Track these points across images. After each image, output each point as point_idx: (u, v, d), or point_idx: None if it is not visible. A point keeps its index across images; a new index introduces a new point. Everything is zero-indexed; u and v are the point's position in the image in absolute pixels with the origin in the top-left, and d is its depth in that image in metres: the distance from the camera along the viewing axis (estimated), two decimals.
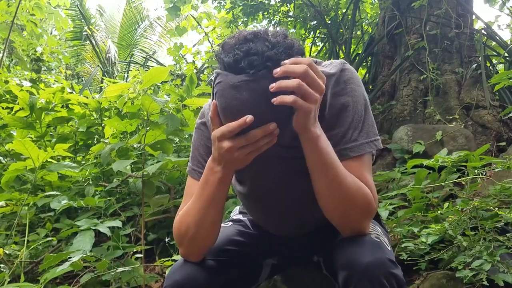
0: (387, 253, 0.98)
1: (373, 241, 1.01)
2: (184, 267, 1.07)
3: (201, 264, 1.09)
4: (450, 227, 1.93)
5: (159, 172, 2.34)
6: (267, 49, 0.90)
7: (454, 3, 4.42)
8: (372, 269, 0.94)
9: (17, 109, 3.07)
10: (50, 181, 2.57)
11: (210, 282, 1.06)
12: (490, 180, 2.35)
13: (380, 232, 1.12)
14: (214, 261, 1.11)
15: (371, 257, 0.95)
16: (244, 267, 1.19)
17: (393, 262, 0.96)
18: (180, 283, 1.04)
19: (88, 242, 1.79)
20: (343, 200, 0.99)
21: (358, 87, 1.08)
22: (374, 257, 0.95)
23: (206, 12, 7.39)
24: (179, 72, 6.02)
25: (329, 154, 0.97)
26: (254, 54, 0.89)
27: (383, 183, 3.12)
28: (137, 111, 2.53)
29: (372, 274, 0.93)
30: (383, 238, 1.08)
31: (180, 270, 1.07)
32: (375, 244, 1.00)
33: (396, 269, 0.96)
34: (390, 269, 0.95)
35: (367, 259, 0.95)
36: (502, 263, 1.72)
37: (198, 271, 1.06)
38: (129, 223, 2.54)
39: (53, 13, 6.50)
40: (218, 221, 1.08)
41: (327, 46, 6.00)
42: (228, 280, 1.13)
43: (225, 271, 1.12)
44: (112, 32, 12.06)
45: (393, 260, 0.97)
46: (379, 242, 1.02)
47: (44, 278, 1.49)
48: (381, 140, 4.02)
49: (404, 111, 4.29)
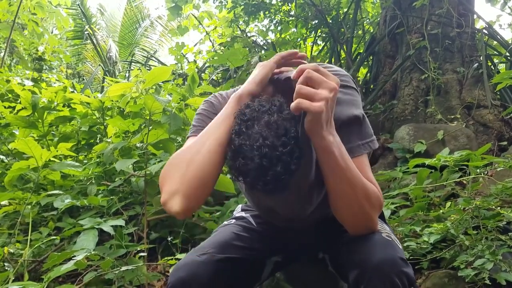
0: (398, 251, 0.99)
1: (384, 239, 1.02)
2: (189, 265, 1.07)
3: (206, 262, 1.08)
4: (452, 226, 1.94)
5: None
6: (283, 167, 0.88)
7: (456, 3, 4.43)
8: (384, 267, 0.94)
9: (19, 108, 3.08)
10: (52, 180, 2.57)
11: (215, 280, 1.06)
12: (491, 180, 2.36)
13: (389, 231, 1.12)
14: (219, 259, 1.11)
15: (383, 255, 0.95)
16: (248, 265, 1.19)
17: (404, 261, 0.97)
18: (184, 280, 1.04)
19: (92, 241, 1.80)
20: (360, 199, 0.99)
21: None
22: (385, 255, 0.95)
23: (207, 11, 7.39)
24: (180, 71, 6.02)
25: (343, 158, 0.96)
26: (275, 180, 0.88)
27: (384, 182, 3.12)
28: (139, 111, 2.53)
29: (384, 272, 0.93)
30: (394, 236, 1.08)
31: (184, 268, 1.06)
32: (386, 242, 1.01)
33: (407, 268, 0.96)
34: (402, 268, 0.95)
35: (379, 257, 0.95)
36: (504, 262, 1.73)
37: (203, 269, 1.06)
38: (131, 222, 2.55)
39: (54, 12, 6.51)
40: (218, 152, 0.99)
41: (328, 46, 6.00)
42: (232, 278, 1.13)
43: (229, 268, 1.12)
44: (113, 31, 12.06)
45: (404, 258, 0.97)
46: (391, 240, 1.02)
47: (48, 277, 1.50)
48: (382, 140, 3.99)
49: (405, 111, 4.29)
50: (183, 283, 1.04)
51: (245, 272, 1.18)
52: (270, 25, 6.51)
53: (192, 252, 1.13)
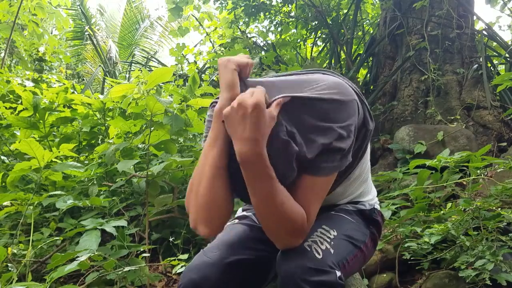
0: (311, 260, 0.99)
1: (301, 248, 1.03)
2: (200, 266, 1.09)
3: (215, 264, 1.10)
4: (452, 227, 1.94)
5: (163, 172, 2.35)
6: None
7: (455, 4, 4.44)
8: (290, 278, 0.97)
9: (21, 109, 3.08)
10: (54, 181, 2.57)
11: (224, 281, 1.08)
12: (491, 181, 2.37)
13: (325, 236, 1.11)
14: (228, 260, 1.12)
15: (289, 266, 0.99)
16: (255, 265, 1.19)
17: (314, 270, 0.97)
18: (195, 281, 1.06)
19: (94, 241, 1.80)
20: (274, 221, 1.01)
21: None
22: (291, 266, 0.99)
23: (207, 12, 7.39)
24: (180, 72, 6.03)
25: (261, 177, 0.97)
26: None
27: (384, 183, 3.13)
28: (141, 112, 2.54)
29: (290, 282, 0.97)
30: (320, 243, 1.07)
31: (195, 269, 1.08)
32: (300, 251, 1.02)
33: (318, 276, 0.97)
34: (310, 277, 0.96)
35: (285, 268, 0.99)
36: (505, 263, 1.74)
37: (213, 270, 1.08)
38: (132, 223, 2.55)
39: (54, 13, 6.51)
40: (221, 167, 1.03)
41: (328, 47, 6.02)
42: (240, 278, 1.14)
43: (237, 269, 1.13)
44: (112, 32, 12.07)
45: (318, 268, 0.98)
46: (308, 251, 1.02)
47: (51, 277, 1.50)
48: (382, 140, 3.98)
49: (405, 112, 4.30)
50: (194, 285, 1.05)
51: (253, 273, 1.19)
52: (270, 26, 6.52)
53: (201, 253, 1.15)
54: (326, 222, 1.17)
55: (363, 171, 1.27)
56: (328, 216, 1.22)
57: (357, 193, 1.31)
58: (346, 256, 1.12)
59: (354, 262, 1.16)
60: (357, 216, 1.29)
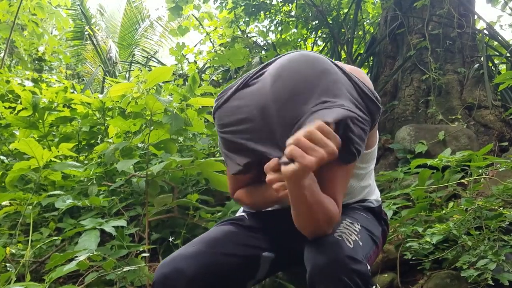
0: (346, 250, 0.97)
1: (333, 239, 1.02)
2: (173, 261, 1.07)
3: (192, 256, 1.08)
4: (454, 227, 1.93)
5: (162, 172, 2.34)
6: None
7: (456, 3, 4.43)
8: (330, 269, 0.94)
9: (20, 108, 3.07)
10: (53, 181, 2.56)
11: (201, 274, 1.06)
12: (493, 180, 2.36)
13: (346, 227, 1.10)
14: (208, 253, 1.11)
15: (328, 257, 0.96)
16: (240, 260, 1.17)
17: (353, 259, 0.95)
18: (167, 276, 1.04)
19: (94, 241, 1.79)
20: (319, 222, 1.01)
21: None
22: (331, 257, 0.96)
23: (207, 11, 7.38)
24: (180, 71, 6.02)
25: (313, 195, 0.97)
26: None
27: (385, 183, 3.12)
28: (140, 111, 2.53)
29: (331, 274, 0.94)
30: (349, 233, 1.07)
31: (168, 263, 1.07)
32: (334, 243, 1.00)
33: (357, 265, 0.95)
34: (350, 266, 0.94)
35: (324, 260, 0.96)
36: (507, 263, 1.73)
37: (188, 263, 1.06)
38: (132, 223, 2.54)
39: (54, 12, 6.50)
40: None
41: (328, 46, 6.00)
42: (222, 273, 1.12)
43: (218, 263, 1.11)
44: (112, 32, 12.06)
45: (353, 256, 0.96)
46: (340, 240, 1.01)
47: (50, 277, 1.49)
48: (383, 140, 3.99)
49: (406, 111, 4.29)
50: (165, 279, 1.04)
51: (237, 268, 1.16)
52: (270, 25, 6.51)
53: (181, 248, 1.14)
54: (347, 216, 1.17)
55: (369, 171, 1.29)
56: (346, 212, 1.21)
57: (364, 193, 1.31)
58: (369, 250, 1.12)
59: (373, 258, 1.17)
60: (369, 213, 1.29)
